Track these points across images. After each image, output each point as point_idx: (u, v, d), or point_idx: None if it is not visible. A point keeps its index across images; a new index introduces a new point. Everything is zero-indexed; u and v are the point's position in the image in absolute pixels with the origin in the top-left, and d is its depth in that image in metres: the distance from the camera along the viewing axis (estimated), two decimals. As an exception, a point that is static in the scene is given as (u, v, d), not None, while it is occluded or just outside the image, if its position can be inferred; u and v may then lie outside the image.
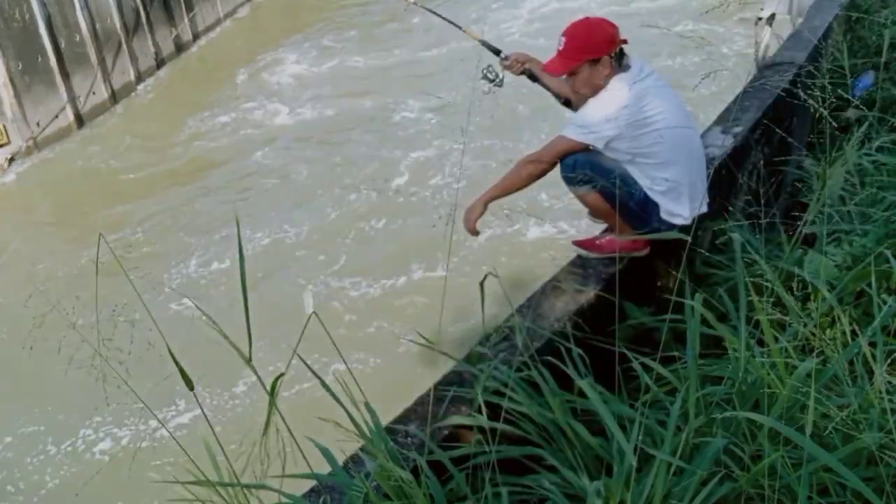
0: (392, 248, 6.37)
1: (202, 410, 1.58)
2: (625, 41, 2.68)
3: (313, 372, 1.64)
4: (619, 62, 2.67)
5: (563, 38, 2.69)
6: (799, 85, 3.40)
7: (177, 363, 1.49)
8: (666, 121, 2.62)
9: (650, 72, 2.71)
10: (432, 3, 13.16)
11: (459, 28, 3.35)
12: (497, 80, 3.09)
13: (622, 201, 2.64)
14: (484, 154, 7.56)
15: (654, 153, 2.65)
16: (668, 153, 2.66)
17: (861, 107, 3.59)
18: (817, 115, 2.56)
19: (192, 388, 1.50)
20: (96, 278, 1.70)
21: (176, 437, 1.71)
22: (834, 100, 3.02)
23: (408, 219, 6.80)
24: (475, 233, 2.80)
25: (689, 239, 1.99)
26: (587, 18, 2.72)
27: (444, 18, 3.52)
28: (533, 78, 3.12)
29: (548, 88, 3.13)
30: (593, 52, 2.62)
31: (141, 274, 6.40)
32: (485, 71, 3.08)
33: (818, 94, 2.66)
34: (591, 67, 2.65)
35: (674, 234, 2.17)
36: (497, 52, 3.13)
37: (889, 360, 1.75)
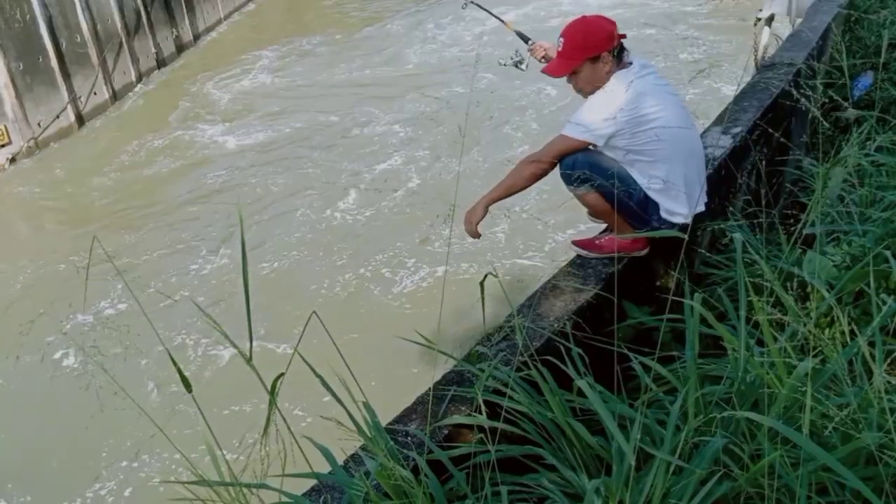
0: (391, 249, 6.37)
1: (201, 413, 1.58)
2: (623, 36, 2.68)
3: (314, 371, 1.65)
4: (619, 58, 2.68)
5: (562, 39, 2.69)
6: (798, 85, 3.41)
7: (176, 365, 1.49)
8: (664, 119, 2.63)
9: (651, 70, 2.72)
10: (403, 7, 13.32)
11: (501, 21, 3.78)
12: (520, 62, 3.46)
13: (622, 201, 2.64)
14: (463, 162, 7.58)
15: (653, 151, 2.66)
16: (666, 151, 2.66)
17: (860, 107, 3.60)
18: (816, 114, 2.56)
19: (190, 391, 1.50)
20: (86, 283, 1.70)
21: (176, 437, 1.71)
22: (832, 100, 3.03)
23: (406, 220, 6.81)
24: (476, 235, 2.80)
25: (686, 237, 1.99)
26: (584, 17, 2.72)
27: (489, 12, 3.97)
28: None
29: None
30: (592, 49, 2.63)
31: (139, 275, 6.43)
32: (513, 55, 3.46)
33: (817, 95, 2.67)
34: (593, 65, 2.66)
35: (672, 233, 2.18)
36: (527, 40, 3.44)
37: (888, 360, 1.75)
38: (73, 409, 4.83)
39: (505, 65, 3.48)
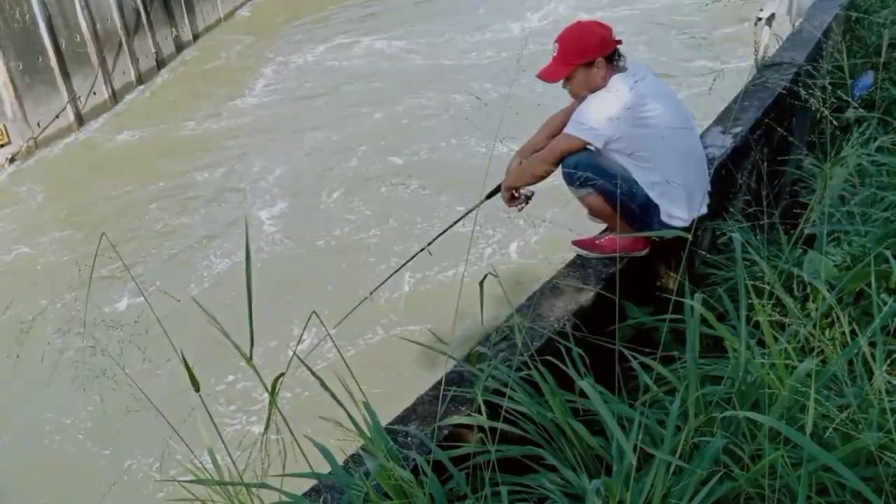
0: (391, 249, 6.37)
1: (208, 412, 1.58)
2: (619, 42, 2.68)
3: (312, 372, 1.65)
4: (616, 63, 2.68)
5: (556, 45, 2.69)
6: (799, 85, 3.41)
7: (186, 365, 1.49)
8: (664, 123, 2.63)
9: (649, 74, 2.72)
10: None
11: (461, 219, 2.98)
12: (525, 200, 2.90)
13: (623, 203, 2.64)
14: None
15: (652, 155, 2.66)
16: (666, 155, 2.67)
17: (861, 107, 3.60)
18: (817, 115, 2.56)
19: (198, 390, 1.49)
20: (90, 281, 1.69)
21: (177, 437, 1.71)
22: (834, 100, 3.02)
23: (406, 220, 6.80)
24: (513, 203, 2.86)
25: (690, 237, 1.98)
26: (579, 22, 2.72)
27: (446, 231, 3.02)
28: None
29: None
30: (587, 55, 2.64)
31: (140, 273, 6.43)
32: (518, 209, 2.91)
33: (819, 93, 2.67)
34: (587, 71, 2.66)
35: (674, 232, 2.17)
36: (496, 192, 2.91)
37: (889, 361, 1.75)
38: (74, 407, 4.84)
39: (521, 209, 2.90)
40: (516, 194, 2.86)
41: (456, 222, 2.97)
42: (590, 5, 11.87)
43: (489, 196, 2.92)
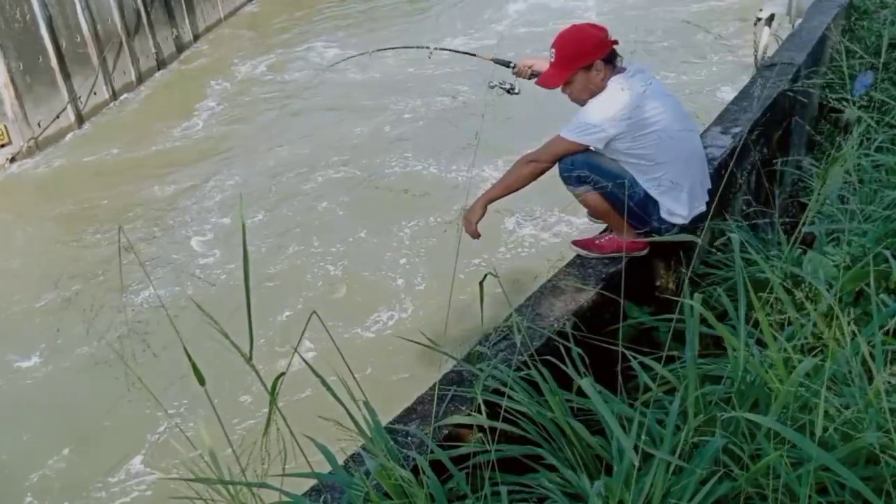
0: (391, 249, 6.37)
1: (213, 409, 1.58)
2: (615, 42, 2.68)
3: (314, 371, 1.65)
4: (613, 64, 2.68)
5: (553, 50, 2.68)
6: (798, 85, 3.41)
7: (191, 360, 1.49)
8: (665, 121, 2.63)
9: (647, 74, 2.72)
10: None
11: (473, 55, 3.53)
12: (511, 89, 3.31)
13: (621, 200, 2.64)
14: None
15: (654, 154, 2.66)
16: (667, 153, 2.67)
17: (860, 106, 3.60)
18: (816, 115, 2.56)
19: (203, 384, 1.49)
20: (121, 273, 1.69)
21: (178, 435, 1.71)
22: (833, 100, 3.03)
23: (405, 220, 6.80)
24: (476, 235, 2.80)
25: (700, 241, 1.99)
26: (574, 26, 2.72)
27: (458, 52, 3.90)
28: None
29: None
30: (585, 58, 2.63)
31: (138, 272, 6.43)
32: (498, 84, 3.29)
33: (818, 93, 2.67)
34: (586, 74, 2.65)
35: (676, 237, 2.18)
36: (508, 64, 3.29)
37: (888, 360, 1.75)
38: (79, 406, 4.84)
39: (493, 86, 3.31)
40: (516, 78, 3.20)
41: (465, 53, 3.74)
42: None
43: (499, 62, 3.33)
